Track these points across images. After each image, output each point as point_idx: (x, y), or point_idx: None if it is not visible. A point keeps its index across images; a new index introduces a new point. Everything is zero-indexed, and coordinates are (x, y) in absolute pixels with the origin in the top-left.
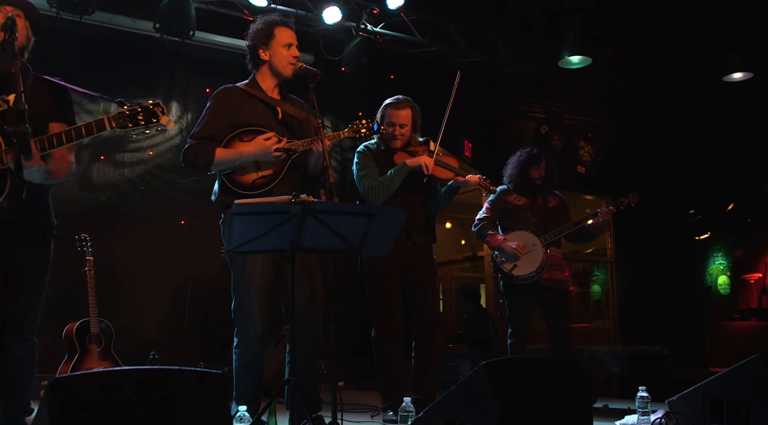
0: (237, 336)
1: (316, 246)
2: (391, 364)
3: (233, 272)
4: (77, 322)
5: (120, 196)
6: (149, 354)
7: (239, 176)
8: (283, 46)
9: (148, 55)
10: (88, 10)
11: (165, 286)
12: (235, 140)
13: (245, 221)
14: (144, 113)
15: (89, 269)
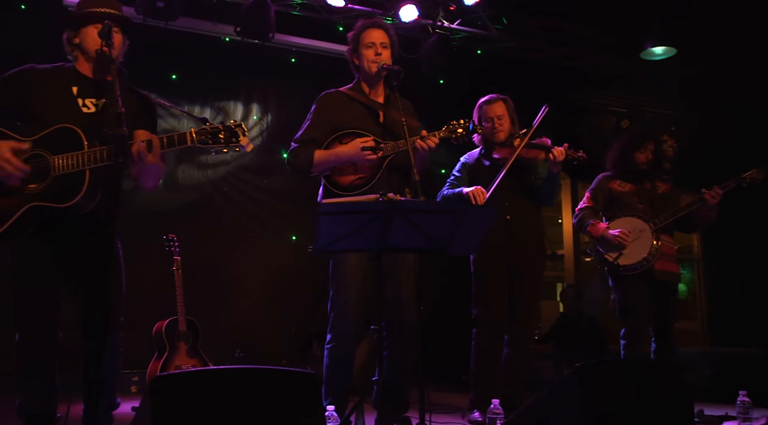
0: (330, 333)
1: (403, 245)
2: (486, 365)
3: (332, 266)
4: (166, 320)
5: (204, 197)
6: (234, 352)
7: (338, 178)
8: (365, 47)
9: (230, 59)
10: (173, 15)
11: (248, 285)
12: (335, 143)
13: (332, 221)
14: (225, 132)
15: (177, 268)
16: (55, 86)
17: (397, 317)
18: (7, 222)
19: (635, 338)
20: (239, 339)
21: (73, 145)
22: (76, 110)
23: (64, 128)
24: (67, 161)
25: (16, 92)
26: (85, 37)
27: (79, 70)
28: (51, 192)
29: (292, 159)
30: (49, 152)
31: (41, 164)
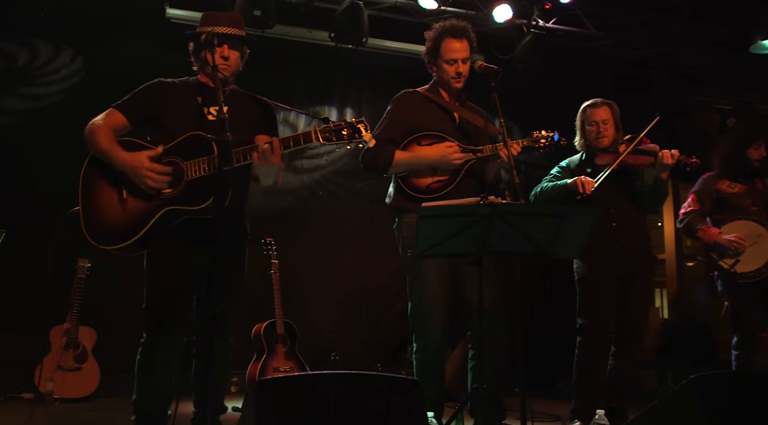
0: (416, 341)
1: (504, 249)
2: (590, 376)
3: (409, 277)
4: (264, 323)
5: (300, 201)
6: (330, 355)
7: (415, 180)
8: (446, 62)
9: (324, 64)
10: (269, 23)
11: (344, 288)
12: (413, 144)
13: (432, 224)
14: (348, 129)
15: (274, 271)
16: (183, 98)
17: (489, 322)
18: (145, 226)
19: (748, 348)
20: (334, 341)
21: (204, 150)
22: (202, 119)
23: (195, 135)
24: (199, 165)
25: (150, 107)
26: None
27: (201, 80)
28: (185, 196)
29: (369, 157)
30: (181, 159)
31: (175, 170)
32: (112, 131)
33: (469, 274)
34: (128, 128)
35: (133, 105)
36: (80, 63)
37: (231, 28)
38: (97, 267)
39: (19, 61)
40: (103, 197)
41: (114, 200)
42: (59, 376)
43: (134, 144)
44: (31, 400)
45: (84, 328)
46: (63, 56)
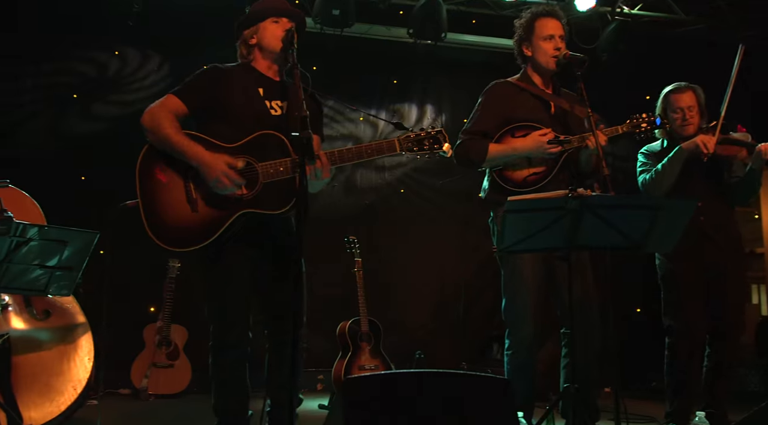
0: (508, 338)
1: (594, 243)
2: (682, 378)
3: (503, 272)
4: (349, 321)
5: (382, 199)
6: (415, 353)
7: (510, 173)
8: (543, 39)
9: (403, 61)
10: (348, 22)
11: (428, 286)
12: (507, 136)
13: (519, 219)
14: (429, 140)
15: (358, 269)
16: (244, 85)
17: (580, 320)
18: (220, 229)
19: None
20: (418, 339)
21: (277, 151)
22: (266, 113)
23: (267, 134)
24: (276, 168)
25: (209, 94)
26: (264, 34)
27: (258, 69)
28: (261, 199)
29: (462, 152)
30: (255, 160)
31: (250, 171)
32: (175, 116)
33: (561, 269)
34: (186, 115)
35: (193, 92)
36: (167, 69)
37: (293, 23)
38: (187, 267)
39: (110, 69)
40: (168, 195)
41: (181, 199)
42: (153, 373)
43: (203, 141)
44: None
45: (176, 326)
46: (151, 63)
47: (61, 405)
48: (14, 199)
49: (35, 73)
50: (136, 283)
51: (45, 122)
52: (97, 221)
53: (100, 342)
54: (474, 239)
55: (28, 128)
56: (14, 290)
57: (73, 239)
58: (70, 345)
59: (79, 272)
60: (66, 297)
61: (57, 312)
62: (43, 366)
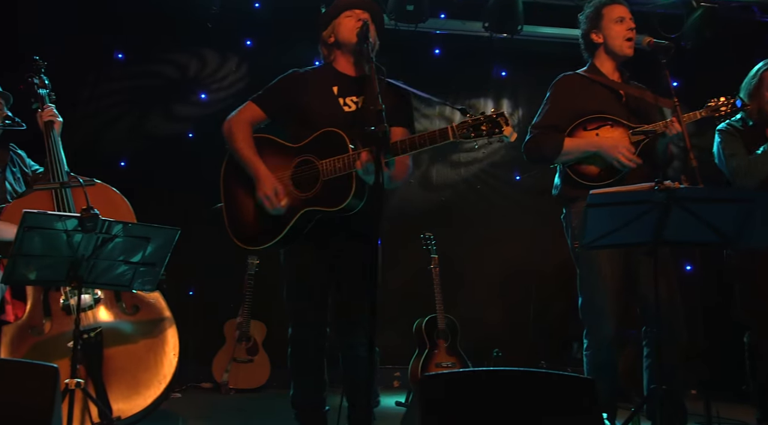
0: (587, 338)
1: (681, 238)
2: None
3: (580, 270)
4: (425, 318)
5: (458, 195)
6: (492, 351)
7: (585, 167)
8: (614, 22)
9: (478, 55)
10: (422, 17)
11: (504, 283)
12: (579, 129)
13: (601, 213)
14: (487, 123)
15: (434, 266)
16: (318, 87)
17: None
18: (285, 228)
19: None
20: (494, 337)
21: (338, 148)
22: (338, 110)
23: (329, 131)
24: (334, 164)
25: (286, 99)
26: (339, 29)
27: (337, 68)
28: (322, 196)
29: (534, 147)
30: (316, 157)
31: (311, 170)
32: (251, 127)
33: (644, 266)
34: (266, 120)
35: (270, 98)
36: (245, 69)
37: (367, 13)
38: (266, 263)
39: (191, 70)
40: (243, 198)
41: (252, 201)
42: (234, 368)
43: (272, 143)
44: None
45: (255, 322)
46: (229, 63)
47: (148, 398)
48: (102, 196)
49: (120, 76)
50: (217, 279)
51: (129, 123)
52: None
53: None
54: (552, 236)
55: (114, 130)
56: (101, 286)
57: (155, 235)
58: (157, 338)
59: (161, 267)
60: (152, 293)
61: (145, 307)
62: (131, 360)
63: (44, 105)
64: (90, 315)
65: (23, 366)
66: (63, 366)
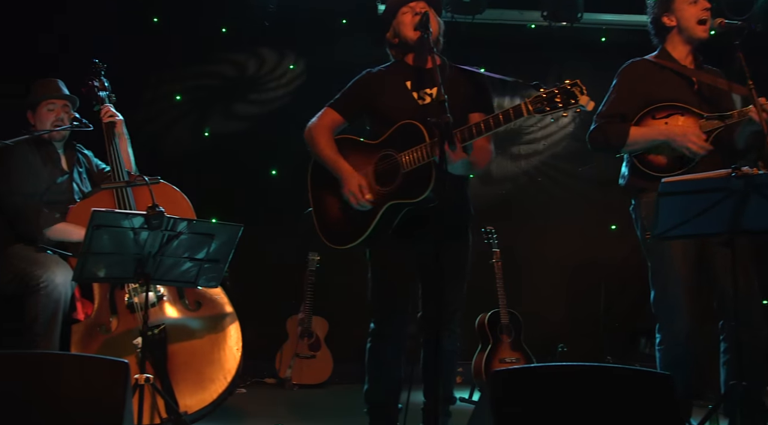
0: (660, 332)
1: (761, 228)
2: None
3: (651, 262)
4: (488, 313)
5: (518, 188)
6: (557, 346)
7: (652, 156)
8: (687, 3)
9: (536, 46)
10: (480, 9)
11: (567, 277)
12: (647, 118)
13: (674, 202)
14: (562, 95)
15: (496, 260)
16: (393, 85)
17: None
18: (370, 226)
19: None
20: (558, 332)
21: (416, 139)
22: (413, 103)
23: (405, 124)
24: (413, 155)
25: (362, 101)
26: (400, 28)
27: (408, 63)
28: (404, 189)
29: (600, 136)
30: (396, 151)
31: (391, 164)
32: (331, 131)
33: (720, 257)
34: (344, 124)
35: (347, 102)
36: (302, 66)
37: (422, 2)
38: (327, 260)
39: (249, 69)
40: (330, 200)
41: (338, 201)
42: (297, 363)
43: (354, 142)
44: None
45: (317, 318)
46: (286, 61)
47: (213, 393)
48: (166, 194)
49: (180, 77)
50: (278, 275)
51: (190, 123)
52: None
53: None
54: (617, 227)
55: (176, 129)
56: (167, 282)
57: (219, 232)
58: (220, 334)
59: (225, 264)
60: (214, 289)
61: (207, 303)
62: (195, 355)
63: (103, 106)
64: (154, 312)
65: (96, 362)
66: (130, 363)
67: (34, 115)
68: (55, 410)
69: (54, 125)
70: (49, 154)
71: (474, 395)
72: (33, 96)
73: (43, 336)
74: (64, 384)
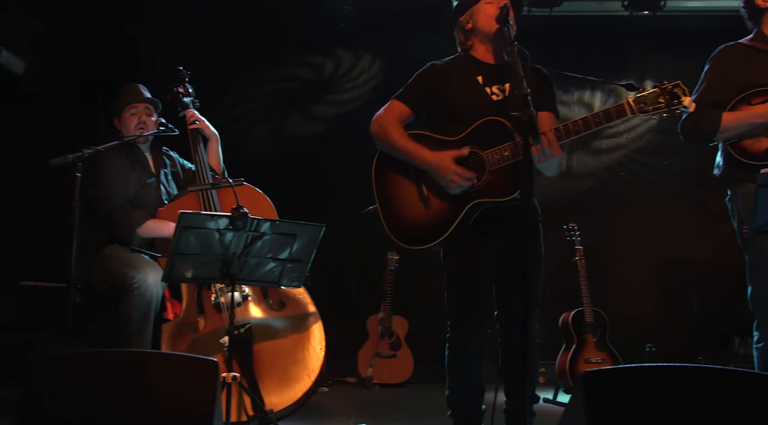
0: (758, 330)
1: None
2: None
3: (749, 256)
4: (572, 311)
5: (601, 183)
6: (644, 346)
7: (750, 144)
8: None
9: (616, 36)
10: (557, 1)
11: (654, 274)
12: (742, 104)
13: None
14: (665, 95)
15: (579, 258)
16: (462, 78)
17: None
18: (453, 224)
19: None
20: (644, 332)
21: (502, 137)
22: (488, 99)
23: (491, 121)
24: (501, 153)
25: (430, 93)
26: (477, 16)
27: (476, 56)
28: (490, 187)
29: (691, 126)
30: (480, 148)
31: (476, 161)
32: (401, 123)
33: None
34: (411, 117)
35: (414, 94)
36: (378, 66)
37: None
38: (406, 259)
39: (326, 71)
40: (402, 195)
41: (414, 198)
42: (377, 363)
43: (426, 138)
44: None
45: (397, 317)
46: (363, 61)
47: (298, 391)
48: (249, 195)
49: (259, 80)
50: (359, 275)
51: (270, 125)
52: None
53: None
54: (707, 222)
55: (256, 132)
56: (251, 282)
57: (301, 232)
58: (304, 333)
59: (308, 264)
60: (297, 289)
61: (290, 303)
62: (280, 354)
63: (188, 111)
64: (239, 312)
65: (187, 360)
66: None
67: (120, 120)
68: (149, 406)
69: (137, 127)
70: (137, 157)
71: (558, 395)
72: (116, 102)
73: (136, 335)
74: (156, 381)
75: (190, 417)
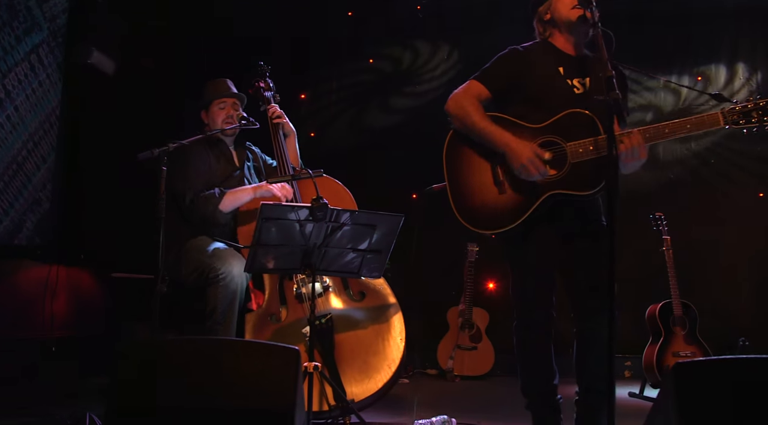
0: None
1: None
2: None
3: None
4: (659, 304)
5: (688, 171)
6: (737, 339)
7: None
8: None
9: (706, 16)
10: None
11: (747, 266)
12: None
13: None
14: (758, 112)
15: (667, 248)
16: (544, 67)
17: None
18: (528, 210)
19: None
20: (737, 325)
21: (587, 130)
22: (570, 91)
23: (576, 113)
24: (586, 147)
25: (511, 76)
26: (556, 6)
27: (557, 46)
28: (570, 180)
29: None
30: (562, 139)
31: (558, 151)
32: (480, 103)
33: None
34: (489, 99)
35: (494, 76)
36: (456, 57)
37: None
38: (486, 250)
39: (404, 62)
40: (474, 177)
41: (487, 181)
42: (458, 355)
43: (506, 121)
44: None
45: (477, 309)
46: (440, 52)
47: (379, 381)
48: (329, 187)
49: (338, 74)
50: (438, 266)
51: (349, 118)
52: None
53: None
54: None
55: (336, 125)
56: (332, 273)
57: (380, 223)
58: (384, 324)
59: (387, 254)
60: (377, 279)
61: (371, 294)
62: (361, 345)
63: (270, 106)
64: (321, 303)
65: (270, 348)
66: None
67: (207, 114)
68: (234, 392)
69: (225, 122)
70: (222, 151)
71: (645, 389)
72: (205, 96)
73: (222, 325)
74: (241, 368)
75: (273, 404)
